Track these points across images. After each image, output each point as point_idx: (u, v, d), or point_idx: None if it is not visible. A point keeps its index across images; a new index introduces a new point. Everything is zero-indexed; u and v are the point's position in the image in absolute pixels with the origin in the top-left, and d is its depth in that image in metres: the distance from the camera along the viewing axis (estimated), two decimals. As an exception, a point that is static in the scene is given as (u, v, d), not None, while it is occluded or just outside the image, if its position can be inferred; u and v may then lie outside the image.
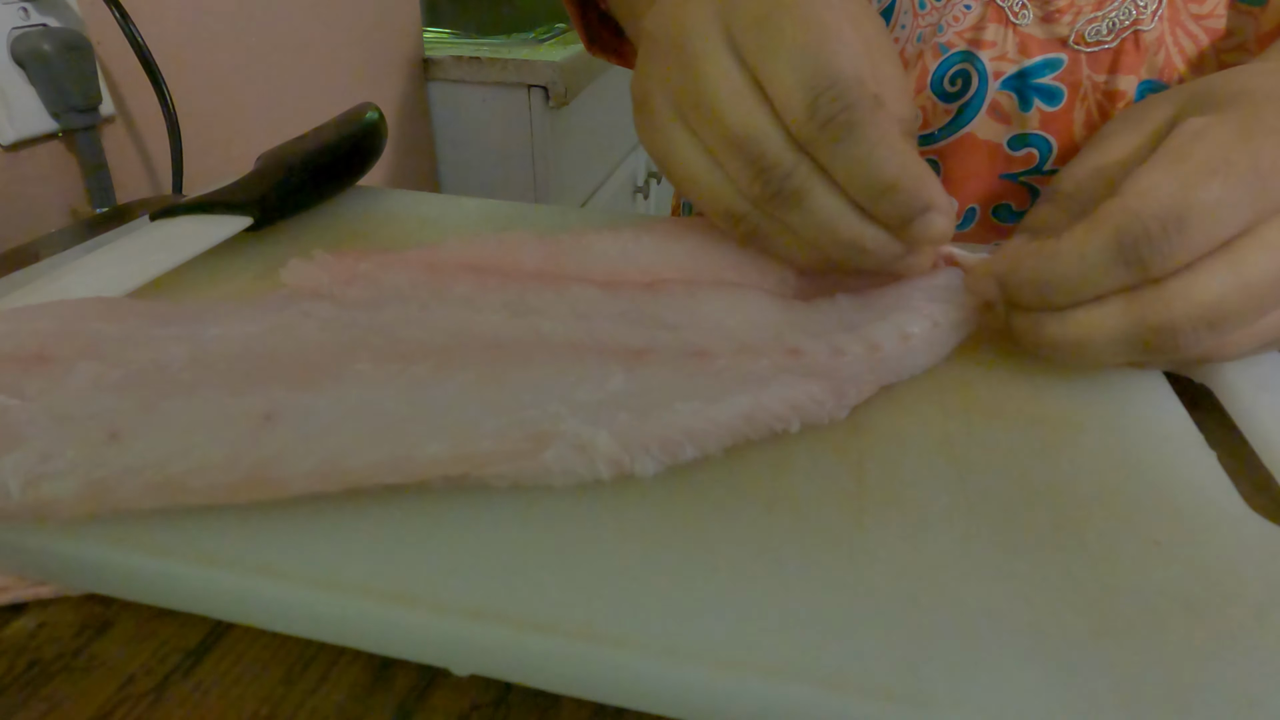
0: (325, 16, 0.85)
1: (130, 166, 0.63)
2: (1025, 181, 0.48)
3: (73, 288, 0.33)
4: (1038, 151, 0.47)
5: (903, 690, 0.18)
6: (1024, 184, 0.48)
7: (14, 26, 0.53)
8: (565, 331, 0.28)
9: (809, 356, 0.28)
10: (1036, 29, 0.45)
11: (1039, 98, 0.46)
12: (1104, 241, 0.26)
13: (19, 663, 0.21)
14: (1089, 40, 0.44)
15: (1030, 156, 0.47)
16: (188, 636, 0.22)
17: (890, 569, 0.22)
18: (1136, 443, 0.27)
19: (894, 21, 0.49)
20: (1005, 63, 0.46)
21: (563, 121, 1.06)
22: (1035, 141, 0.47)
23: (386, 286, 0.31)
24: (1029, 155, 0.47)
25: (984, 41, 0.46)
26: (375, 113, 0.47)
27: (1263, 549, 0.23)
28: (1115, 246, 0.25)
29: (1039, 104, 0.46)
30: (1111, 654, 0.19)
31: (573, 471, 0.24)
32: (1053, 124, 0.46)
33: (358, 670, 0.21)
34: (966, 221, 0.50)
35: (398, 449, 0.23)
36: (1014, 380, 0.30)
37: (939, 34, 0.47)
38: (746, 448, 0.26)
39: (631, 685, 0.20)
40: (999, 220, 0.49)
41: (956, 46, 0.46)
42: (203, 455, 0.23)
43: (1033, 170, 0.47)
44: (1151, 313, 0.26)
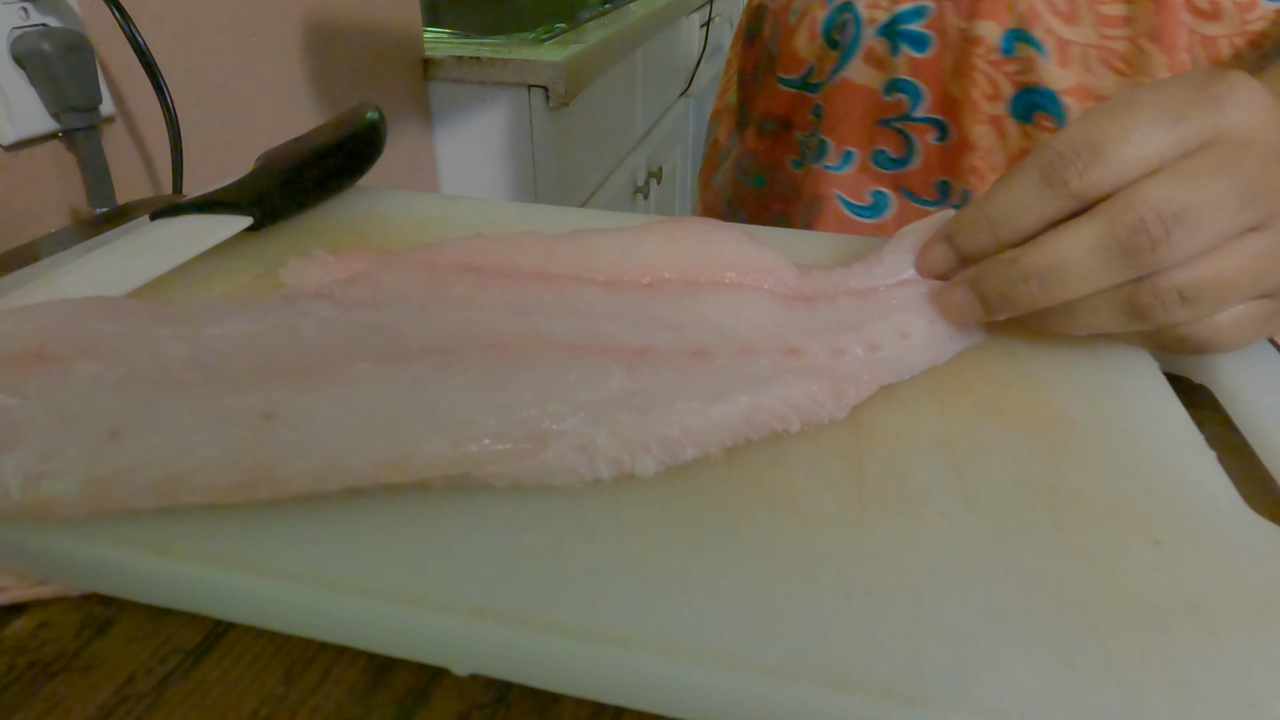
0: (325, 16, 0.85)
1: (130, 166, 0.63)
2: (898, 127, 0.49)
3: (73, 287, 0.33)
4: (908, 98, 0.48)
5: (903, 690, 0.18)
6: (897, 129, 0.49)
7: (14, 26, 0.52)
8: (565, 331, 0.28)
9: (808, 356, 0.28)
10: None
11: (907, 44, 0.47)
12: (1027, 171, 0.28)
13: (19, 663, 0.21)
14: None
15: (901, 102, 0.49)
16: (188, 636, 0.22)
17: (890, 568, 0.22)
18: (1136, 443, 0.27)
19: None
20: (878, 10, 0.48)
21: (563, 121, 1.06)
22: (904, 87, 0.48)
23: (386, 286, 0.31)
24: (899, 101, 0.49)
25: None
26: (375, 113, 0.46)
27: (1263, 549, 0.23)
28: (1037, 172, 0.28)
29: (906, 50, 0.47)
30: (1111, 654, 0.19)
31: (573, 471, 0.24)
32: (923, 70, 0.47)
33: (358, 670, 0.21)
34: (846, 163, 0.51)
35: (398, 448, 0.23)
36: (1014, 380, 0.30)
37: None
38: (746, 447, 0.26)
39: (631, 685, 0.20)
40: (878, 167, 0.51)
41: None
42: (203, 455, 0.23)
43: (903, 116, 0.49)
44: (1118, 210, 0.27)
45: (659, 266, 0.33)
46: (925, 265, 0.32)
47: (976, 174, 0.48)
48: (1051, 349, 0.32)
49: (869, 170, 0.51)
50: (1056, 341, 0.32)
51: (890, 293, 0.32)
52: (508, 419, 0.24)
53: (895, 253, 0.34)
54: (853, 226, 0.52)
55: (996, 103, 0.46)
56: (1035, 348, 0.32)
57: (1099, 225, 0.27)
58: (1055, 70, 0.44)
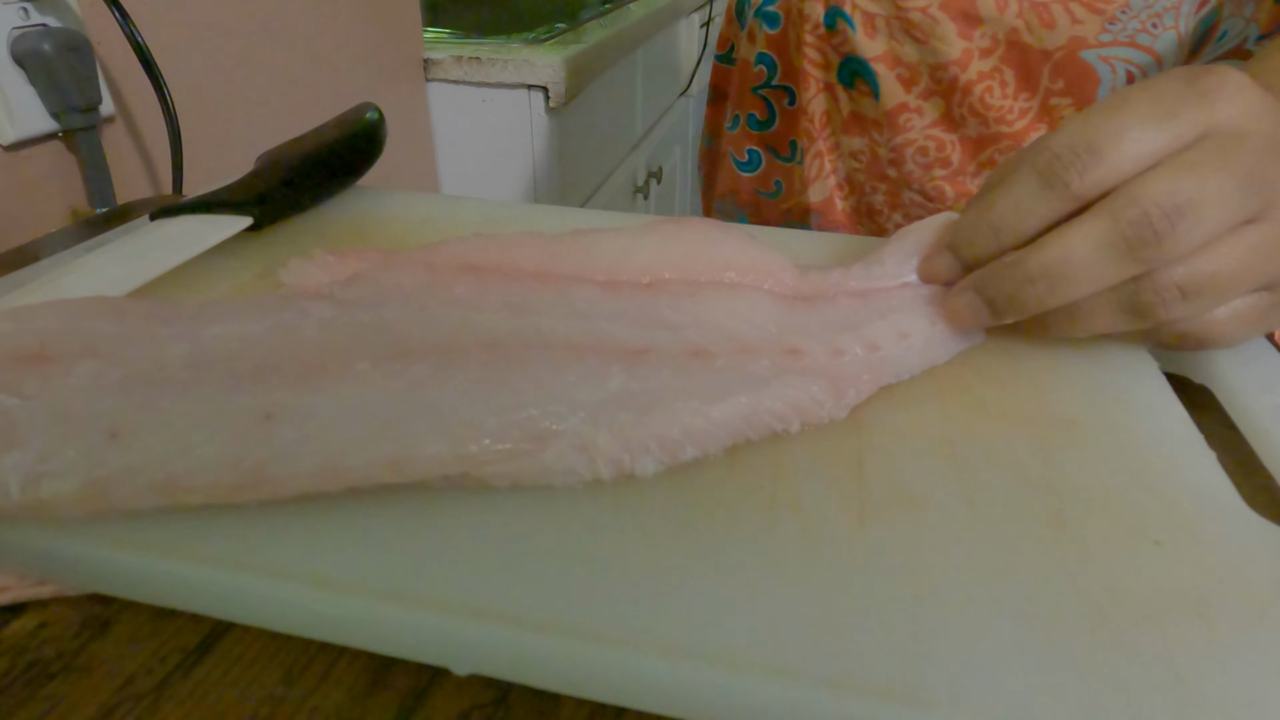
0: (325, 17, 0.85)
1: (130, 166, 0.63)
2: (762, 95, 0.58)
3: (74, 287, 0.33)
4: (766, 69, 0.57)
5: (903, 690, 0.18)
6: (761, 96, 0.59)
7: (14, 26, 0.52)
8: (565, 331, 0.28)
9: (808, 356, 0.28)
10: None
11: (765, 23, 0.56)
12: (1024, 175, 0.28)
13: (19, 663, 0.21)
14: None
15: (762, 73, 0.58)
16: (188, 636, 0.22)
17: (890, 568, 0.22)
18: (1136, 443, 0.27)
19: None
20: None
21: (563, 121, 1.06)
22: (764, 60, 0.57)
23: (387, 287, 0.31)
24: (760, 72, 0.58)
25: None
26: (375, 113, 0.47)
27: (1263, 549, 0.23)
28: (1035, 175, 0.28)
29: (764, 28, 0.56)
30: (1111, 654, 0.19)
31: (573, 471, 0.24)
32: (775, 44, 0.56)
33: (358, 670, 0.21)
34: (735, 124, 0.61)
35: (397, 448, 0.23)
36: (1014, 380, 0.30)
37: None
38: (746, 447, 0.26)
39: (631, 685, 0.20)
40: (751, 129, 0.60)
41: None
42: (202, 455, 0.23)
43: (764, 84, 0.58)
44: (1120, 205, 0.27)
45: (659, 266, 0.33)
46: (929, 274, 0.32)
47: (807, 135, 0.56)
48: (1051, 349, 0.32)
49: (747, 132, 0.60)
50: (1056, 342, 0.32)
51: (891, 294, 0.32)
52: (507, 419, 0.24)
53: (895, 254, 0.34)
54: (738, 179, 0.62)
55: (828, 71, 0.54)
56: (1035, 348, 0.32)
57: (1102, 222, 0.27)
58: (864, 40, 0.51)
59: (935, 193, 0.53)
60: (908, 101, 0.51)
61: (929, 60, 0.49)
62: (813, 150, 0.56)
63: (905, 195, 0.54)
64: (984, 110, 0.49)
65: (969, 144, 0.51)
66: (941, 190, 0.53)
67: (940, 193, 0.53)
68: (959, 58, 0.48)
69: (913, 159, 0.52)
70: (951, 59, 0.48)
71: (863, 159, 0.54)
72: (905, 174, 0.53)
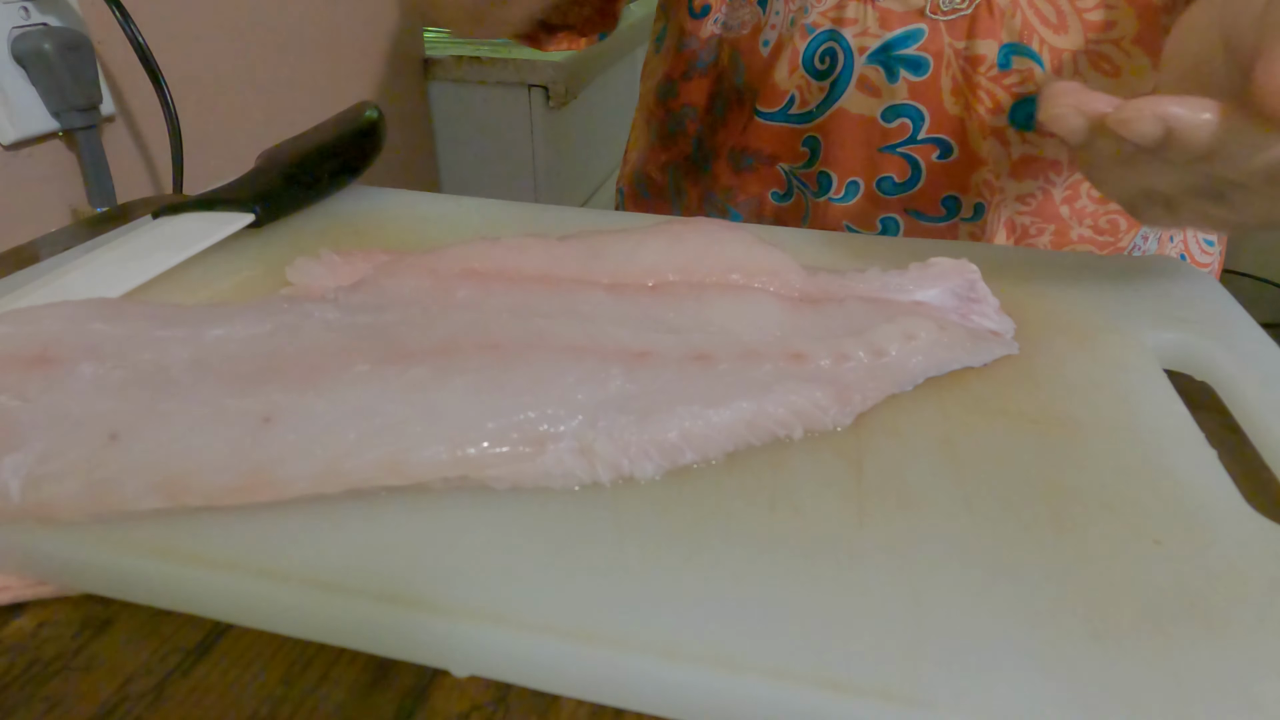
0: (325, 16, 0.85)
1: (130, 166, 0.63)
2: (903, 152, 0.49)
3: (77, 285, 0.33)
4: (910, 121, 0.48)
5: (903, 690, 0.18)
6: (902, 155, 0.49)
7: (14, 26, 0.52)
8: (565, 333, 0.28)
9: (812, 361, 0.28)
10: (894, 2, 0.46)
11: (905, 68, 0.47)
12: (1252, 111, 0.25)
13: (19, 663, 0.21)
14: (944, 9, 0.46)
15: (904, 127, 0.49)
16: (188, 636, 0.22)
17: (890, 569, 0.22)
18: (1137, 441, 0.27)
19: (769, 8, 0.51)
20: (868, 37, 0.47)
21: (563, 121, 1.06)
22: (907, 111, 0.48)
23: (389, 291, 0.31)
24: (903, 125, 0.49)
25: (846, 19, 0.47)
26: (374, 111, 0.47)
27: (1263, 549, 0.23)
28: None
29: (905, 74, 0.47)
30: (1111, 654, 0.19)
31: (572, 475, 0.24)
32: (922, 93, 0.47)
33: (358, 670, 0.21)
34: (850, 195, 0.51)
35: (396, 451, 0.23)
36: (1014, 380, 0.30)
37: (805, 15, 0.48)
38: (746, 449, 0.26)
39: (630, 686, 0.20)
40: (883, 194, 0.50)
41: (822, 26, 0.48)
42: (203, 457, 0.23)
43: (908, 140, 0.49)
44: None
45: (664, 268, 0.33)
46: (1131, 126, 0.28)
47: (989, 186, 0.49)
48: (1051, 349, 0.32)
49: (875, 198, 0.51)
50: (1056, 341, 0.32)
51: (901, 307, 0.32)
52: (506, 422, 0.24)
53: (919, 270, 0.34)
54: None
55: (998, 115, 0.47)
56: (1035, 347, 0.31)
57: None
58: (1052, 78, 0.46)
59: (1109, 226, 0.50)
60: None
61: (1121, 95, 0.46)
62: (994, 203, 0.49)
63: (1074, 232, 0.50)
64: None
65: None
66: (1115, 224, 0.50)
67: (1114, 226, 0.50)
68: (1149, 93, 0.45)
69: (1088, 194, 0.49)
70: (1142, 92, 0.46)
71: (1031, 202, 0.49)
72: (1078, 210, 0.49)
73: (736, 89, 0.54)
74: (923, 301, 0.33)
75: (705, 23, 0.55)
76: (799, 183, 0.53)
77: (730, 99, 0.55)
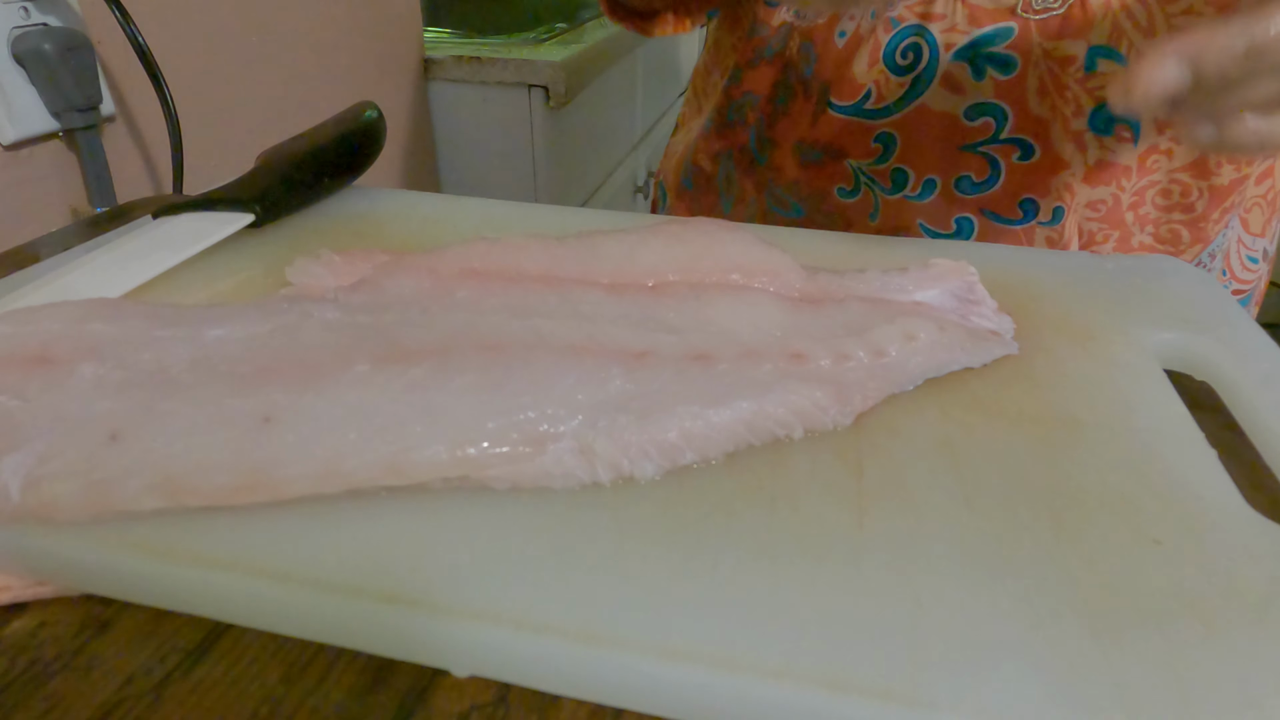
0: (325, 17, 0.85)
1: (130, 166, 0.63)
2: (984, 151, 0.48)
3: (77, 285, 0.33)
4: (994, 120, 0.47)
5: (903, 691, 0.18)
6: (982, 154, 0.48)
7: (14, 26, 0.52)
8: (565, 333, 0.28)
9: (812, 361, 0.28)
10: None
11: (992, 66, 0.46)
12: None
13: (19, 663, 0.21)
14: (1036, 7, 0.45)
15: (987, 125, 0.48)
16: (188, 636, 0.22)
17: (890, 569, 0.22)
18: (1137, 442, 0.27)
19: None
20: (955, 34, 0.46)
21: (563, 121, 1.06)
22: (991, 110, 0.47)
23: (389, 291, 0.31)
24: (985, 124, 0.48)
25: (934, 14, 0.46)
26: (374, 111, 0.47)
27: (1263, 548, 0.23)
28: None
29: (993, 73, 0.46)
30: (1111, 654, 0.19)
31: (572, 475, 0.24)
32: (1008, 92, 0.46)
33: (358, 670, 0.21)
34: (927, 192, 0.50)
35: (396, 451, 0.23)
36: (1014, 380, 0.30)
37: (890, 8, 0.47)
38: (746, 449, 0.26)
39: (630, 686, 0.20)
40: (960, 193, 0.49)
41: (907, 20, 0.47)
42: (202, 457, 0.23)
43: (990, 139, 0.48)
44: None
45: (664, 268, 0.33)
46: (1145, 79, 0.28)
47: (1069, 190, 0.48)
48: (1051, 348, 0.32)
49: (952, 196, 0.50)
50: (1056, 341, 0.32)
51: (902, 308, 0.32)
52: (505, 422, 0.24)
53: (919, 271, 0.34)
54: None
55: (1079, 118, 0.47)
56: (1035, 347, 0.32)
57: None
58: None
59: (1170, 235, 0.49)
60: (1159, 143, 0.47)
61: None
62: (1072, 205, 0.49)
63: (1135, 239, 0.50)
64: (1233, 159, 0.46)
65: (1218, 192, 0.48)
66: (1178, 234, 0.49)
67: (1176, 236, 0.49)
68: None
69: (1152, 201, 0.49)
70: None
71: (1101, 209, 0.49)
72: (1141, 216, 0.49)
73: (804, 80, 0.53)
74: (922, 302, 0.33)
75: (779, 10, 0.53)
76: (867, 178, 0.52)
77: (796, 89, 0.54)
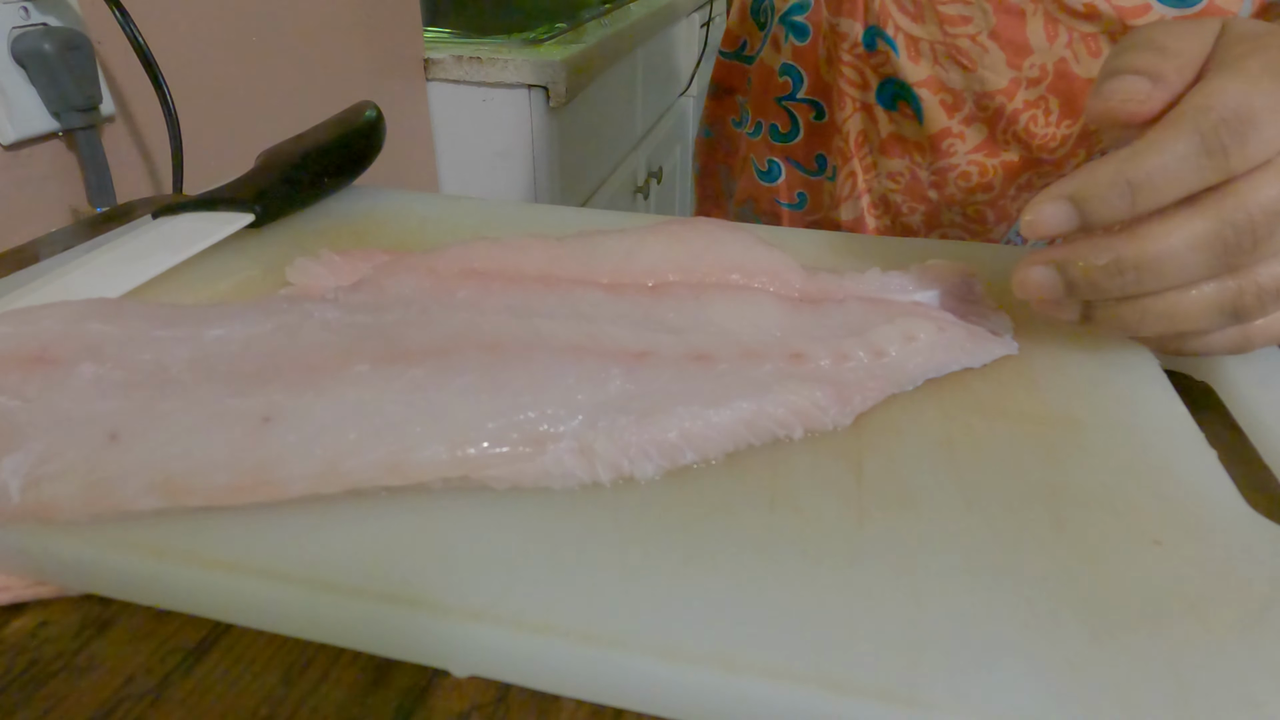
0: (325, 16, 0.85)
1: (130, 166, 0.63)
2: (786, 106, 0.56)
3: (77, 285, 0.33)
4: (792, 80, 0.55)
5: (902, 691, 0.18)
6: (784, 108, 0.57)
7: (14, 26, 0.52)
8: (565, 333, 0.28)
9: (812, 361, 0.28)
10: None
11: (793, 33, 0.54)
12: (1185, 136, 0.26)
13: (19, 663, 0.21)
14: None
15: (787, 84, 0.56)
16: (188, 636, 0.22)
17: (890, 569, 0.22)
18: (1137, 442, 0.27)
19: None
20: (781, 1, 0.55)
21: (563, 121, 1.06)
22: (789, 71, 0.55)
23: (389, 291, 0.31)
24: (786, 83, 0.56)
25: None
26: (374, 111, 0.47)
27: (1263, 548, 0.23)
28: (1198, 138, 0.26)
29: (793, 39, 0.54)
30: (1111, 654, 0.19)
31: (571, 475, 0.24)
32: (803, 57, 0.54)
33: (358, 670, 0.21)
34: (756, 132, 0.59)
35: (396, 451, 0.23)
36: (1014, 380, 0.30)
37: None
38: (746, 449, 0.26)
39: (630, 687, 0.20)
40: (772, 140, 0.58)
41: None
42: (202, 457, 0.23)
43: (789, 96, 0.56)
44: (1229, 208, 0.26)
45: (664, 268, 0.33)
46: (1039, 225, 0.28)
47: (840, 153, 0.54)
48: (1051, 348, 0.32)
49: (768, 142, 0.59)
50: (1056, 340, 0.32)
51: (901, 308, 0.32)
52: (505, 422, 0.24)
53: (919, 271, 0.34)
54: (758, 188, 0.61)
55: (866, 91, 0.52)
56: (1035, 347, 0.32)
57: (1207, 221, 0.26)
58: (908, 64, 0.49)
59: (976, 215, 0.52)
60: (950, 126, 0.50)
61: (974, 88, 0.48)
62: (846, 169, 0.54)
63: (945, 216, 0.53)
64: (1027, 138, 0.48)
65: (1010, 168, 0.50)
66: (983, 213, 0.52)
67: (981, 215, 0.52)
68: (1006, 87, 0.47)
69: (955, 182, 0.51)
70: (998, 88, 0.47)
71: (901, 180, 0.53)
72: (947, 196, 0.52)
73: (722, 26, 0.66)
74: (922, 302, 0.33)
75: None
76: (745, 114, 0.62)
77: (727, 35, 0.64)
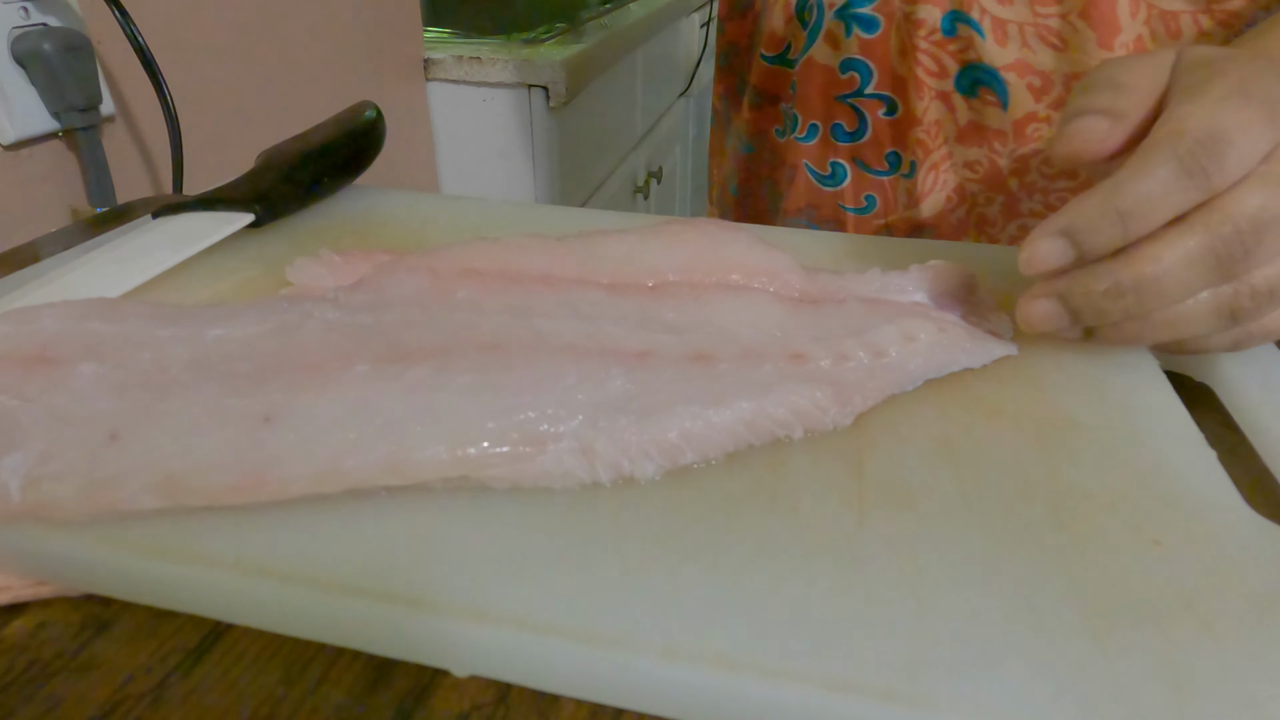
0: (325, 17, 0.85)
1: (130, 166, 0.63)
2: (851, 103, 0.53)
3: (77, 285, 0.33)
4: (859, 75, 0.52)
5: (903, 691, 0.18)
6: (851, 105, 0.53)
7: (14, 26, 0.52)
8: (566, 333, 0.28)
9: (812, 361, 0.28)
10: None
11: (859, 26, 0.51)
12: (1164, 160, 0.27)
13: (19, 663, 0.21)
14: None
15: (853, 80, 0.53)
16: (188, 636, 0.22)
17: (890, 569, 0.22)
18: (1136, 442, 0.27)
19: None
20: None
21: (563, 121, 1.06)
22: (856, 66, 0.52)
23: (389, 291, 0.31)
24: (852, 78, 0.53)
25: None
26: (373, 110, 0.47)
27: (1263, 548, 0.23)
28: (1176, 162, 0.26)
29: (858, 31, 0.51)
30: (1111, 654, 0.19)
31: (572, 475, 0.24)
32: (871, 50, 0.51)
33: (358, 670, 0.21)
34: (812, 135, 0.56)
35: (396, 451, 0.23)
36: (1014, 380, 0.30)
37: None
38: (747, 448, 0.26)
39: (630, 687, 0.20)
40: (836, 140, 0.55)
41: None
42: (202, 457, 0.23)
43: (855, 93, 0.53)
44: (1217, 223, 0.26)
45: (664, 268, 0.33)
46: (1036, 262, 0.29)
47: (922, 146, 0.52)
48: (1051, 348, 0.32)
49: (829, 143, 0.55)
50: (1056, 341, 0.32)
51: (901, 308, 0.32)
52: (505, 422, 0.24)
53: (919, 271, 0.34)
54: (818, 194, 0.57)
55: (943, 79, 0.50)
56: (1035, 347, 0.31)
57: (1197, 237, 0.27)
58: (994, 48, 0.47)
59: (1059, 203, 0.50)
60: (1037, 110, 0.48)
61: (1064, 69, 0.47)
62: (928, 162, 0.52)
63: (1025, 205, 0.51)
64: None
65: None
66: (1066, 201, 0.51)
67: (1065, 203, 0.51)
68: None
69: (1038, 169, 0.50)
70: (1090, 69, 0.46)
71: (979, 169, 0.51)
72: (1028, 184, 0.50)
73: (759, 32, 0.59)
74: (922, 302, 0.33)
75: None
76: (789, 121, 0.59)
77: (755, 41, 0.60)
